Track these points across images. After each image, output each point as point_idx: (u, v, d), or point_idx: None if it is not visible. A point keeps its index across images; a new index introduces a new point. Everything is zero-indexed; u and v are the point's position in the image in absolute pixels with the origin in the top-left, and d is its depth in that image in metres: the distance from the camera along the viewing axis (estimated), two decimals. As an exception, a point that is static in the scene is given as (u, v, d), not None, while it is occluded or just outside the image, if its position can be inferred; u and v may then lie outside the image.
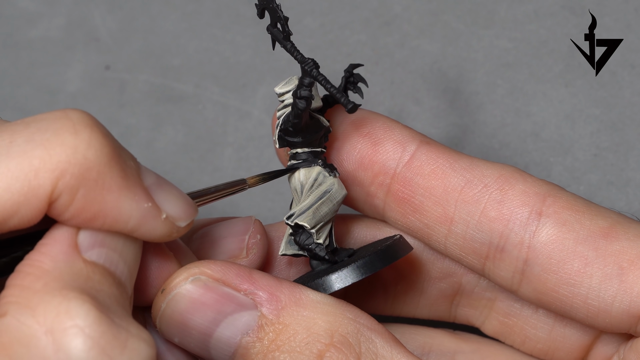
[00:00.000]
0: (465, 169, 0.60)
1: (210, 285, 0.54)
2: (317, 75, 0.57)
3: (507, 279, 0.60)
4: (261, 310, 0.53)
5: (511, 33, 0.85)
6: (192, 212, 0.53)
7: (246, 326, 0.53)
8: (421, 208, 0.60)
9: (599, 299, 0.58)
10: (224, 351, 0.53)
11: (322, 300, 0.55)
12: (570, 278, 0.58)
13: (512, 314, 0.64)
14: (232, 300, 0.53)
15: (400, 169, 0.60)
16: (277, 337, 0.53)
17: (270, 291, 0.54)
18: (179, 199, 0.52)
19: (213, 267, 0.54)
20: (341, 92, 0.56)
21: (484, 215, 0.59)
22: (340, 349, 0.53)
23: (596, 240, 0.58)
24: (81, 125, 0.49)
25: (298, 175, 0.59)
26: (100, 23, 0.89)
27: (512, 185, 0.60)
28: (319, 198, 0.58)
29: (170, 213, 0.51)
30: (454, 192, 0.60)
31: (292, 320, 0.53)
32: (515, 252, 0.59)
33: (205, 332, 0.53)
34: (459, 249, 0.60)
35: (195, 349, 0.54)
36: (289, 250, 0.59)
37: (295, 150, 0.59)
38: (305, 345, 0.53)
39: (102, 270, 0.49)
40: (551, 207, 0.59)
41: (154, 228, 0.51)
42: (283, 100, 0.58)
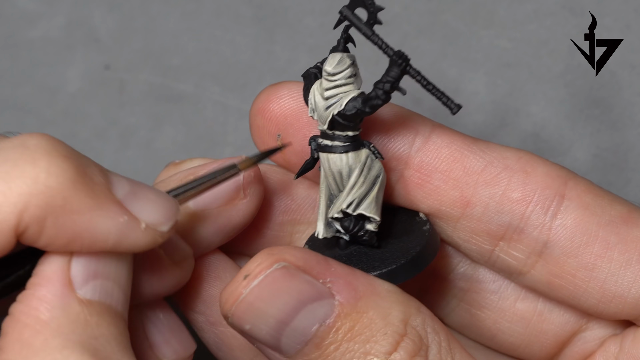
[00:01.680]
0: (484, 151, 0.60)
1: (293, 273, 0.53)
2: (415, 75, 0.55)
3: (520, 260, 0.59)
4: (338, 300, 0.52)
5: (511, 33, 0.85)
6: (173, 214, 0.52)
7: (324, 315, 0.52)
8: (436, 192, 0.60)
9: (617, 285, 0.58)
10: (297, 340, 0.52)
11: (394, 290, 0.54)
12: (590, 262, 0.58)
13: (486, 306, 0.64)
14: (313, 289, 0.52)
15: (416, 153, 0.60)
16: (354, 326, 0.52)
17: (347, 280, 0.53)
18: (157, 203, 0.51)
19: (295, 253, 0.53)
20: (443, 93, 0.55)
21: (506, 196, 0.59)
22: (414, 340, 0.52)
23: (618, 225, 0.58)
24: (39, 152, 0.48)
25: (346, 159, 0.57)
26: (100, 23, 0.89)
27: (534, 167, 0.59)
28: (372, 184, 0.57)
29: (150, 220, 0.50)
30: (473, 174, 0.59)
31: (369, 309, 0.53)
32: (535, 234, 0.59)
33: (284, 320, 0.52)
34: (470, 232, 0.60)
35: (266, 337, 0.53)
36: (328, 233, 0.58)
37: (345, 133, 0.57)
38: (383, 335, 0.52)
39: (98, 309, 0.49)
40: (573, 190, 0.59)
41: (135, 240, 0.50)
42: (334, 80, 0.56)
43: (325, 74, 0.56)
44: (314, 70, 0.58)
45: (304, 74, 0.58)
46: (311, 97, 0.57)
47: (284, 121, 0.60)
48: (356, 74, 0.57)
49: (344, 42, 0.58)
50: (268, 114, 0.60)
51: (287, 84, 0.60)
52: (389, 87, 0.55)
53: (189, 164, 0.62)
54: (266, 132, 0.60)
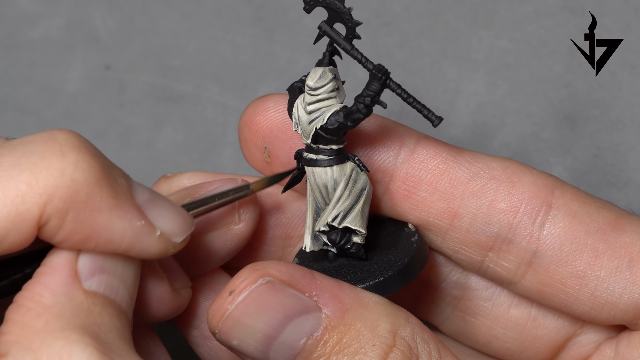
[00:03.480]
0: (470, 162, 0.60)
1: (279, 288, 0.53)
2: (396, 89, 0.55)
3: (510, 270, 0.59)
4: (325, 313, 0.53)
5: (511, 33, 0.85)
6: (188, 227, 0.52)
7: (311, 329, 0.52)
8: (423, 204, 0.60)
9: (608, 291, 0.58)
10: (286, 354, 0.53)
11: (381, 301, 0.54)
12: (580, 270, 0.58)
13: (480, 313, 0.64)
14: (299, 303, 0.53)
15: (401, 165, 0.60)
16: (342, 339, 0.52)
17: (333, 293, 0.53)
18: (174, 214, 0.52)
19: (280, 268, 0.53)
20: (423, 106, 0.55)
21: (493, 207, 0.59)
22: (403, 350, 0.53)
23: (605, 232, 0.58)
24: (68, 147, 0.48)
25: (331, 172, 0.57)
26: (101, 23, 0.90)
27: (520, 177, 0.59)
28: (358, 197, 0.57)
29: (165, 229, 0.51)
30: (460, 185, 0.59)
31: (357, 321, 0.53)
32: (524, 244, 0.59)
33: (271, 335, 0.52)
34: (459, 243, 0.60)
35: (254, 352, 0.53)
36: (315, 246, 0.58)
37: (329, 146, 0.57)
38: (372, 347, 0.52)
39: (102, 301, 0.49)
40: (560, 199, 0.59)
41: (148, 246, 0.50)
42: (316, 95, 0.56)
43: (308, 88, 0.56)
44: (298, 84, 0.58)
45: (289, 88, 0.58)
46: (295, 111, 0.57)
47: (270, 134, 0.60)
48: (339, 88, 0.57)
49: (329, 56, 0.59)
50: (255, 127, 0.60)
51: (273, 97, 0.60)
52: (370, 101, 0.55)
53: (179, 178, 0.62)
54: (253, 144, 0.60)
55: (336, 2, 0.57)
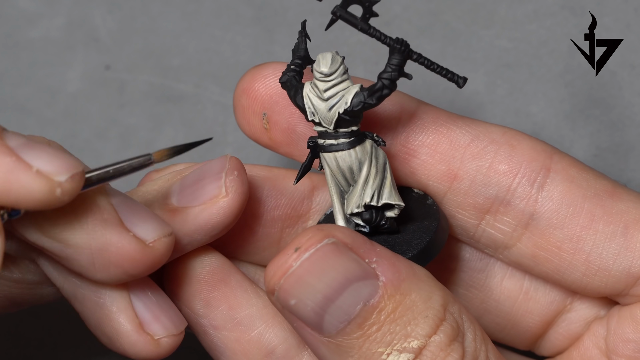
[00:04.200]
0: (469, 126, 0.60)
1: (343, 250, 0.53)
2: (418, 58, 0.55)
3: (506, 233, 0.60)
4: (383, 280, 0.52)
5: (511, 33, 0.85)
6: (72, 167, 0.49)
7: (368, 295, 0.52)
8: (423, 167, 0.60)
9: (602, 257, 0.58)
10: (341, 318, 0.52)
11: (431, 275, 0.54)
12: (575, 233, 0.58)
13: (473, 285, 0.64)
14: (359, 267, 0.52)
15: (402, 128, 0.60)
16: (397, 308, 0.52)
17: (391, 261, 0.53)
18: (54, 155, 0.49)
19: (344, 231, 0.53)
20: (447, 70, 0.55)
21: (493, 169, 0.59)
22: (452, 325, 0.53)
23: (602, 198, 0.59)
24: None
25: (355, 154, 0.57)
26: (100, 23, 0.90)
27: (519, 140, 0.60)
28: (384, 171, 0.57)
29: (43, 168, 0.48)
30: (460, 147, 0.59)
31: (412, 291, 0.53)
32: (522, 206, 0.59)
33: (331, 296, 0.52)
34: (456, 205, 0.60)
35: (310, 313, 0.53)
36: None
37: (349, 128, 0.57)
38: (424, 318, 0.52)
39: None
40: (559, 164, 0.60)
41: (28, 184, 0.48)
42: (331, 80, 0.56)
43: (321, 75, 0.56)
44: (290, 74, 0.58)
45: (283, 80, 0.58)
46: (307, 101, 0.57)
47: (270, 100, 0.60)
48: (347, 70, 0.57)
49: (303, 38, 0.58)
50: (253, 94, 0.60)
51: (271, 64, 0.60)
52: (396, 75, 0.55)
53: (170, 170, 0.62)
54: (251, 111, 0.60)
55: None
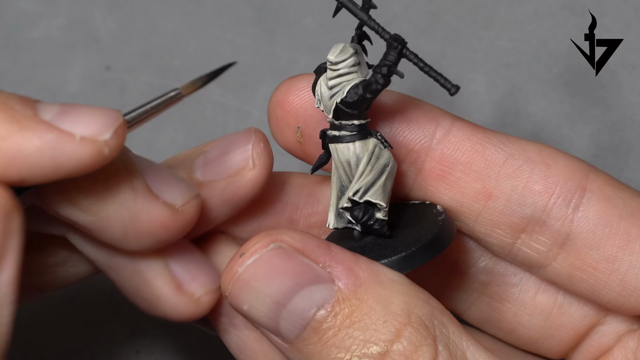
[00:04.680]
0: (505, 144, 0.59)
1: (291, 254, 0.52)
2: (413, 58, 0.55)
3: (541, 252, 0.59)
4: (338, 285, 0.52)
5: (511, 33, 0.86)
6: (112, 122, 0.50)
7: (322, 300, 0.52)
8: (458, 184, 0.60)
9: (638, 278, 0.58)
10: (295, 323, 0.52)
11: (399, 279, 0.54)
12: (612, 254, 0.58)
13: (507, 299, 0.64)
14: (311, 272, 0.52)
15: (437, 145, 0.60)
16: (353, 313, 0.52)
17: (348, 266, 0.53)
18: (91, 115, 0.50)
19: (294, 235, 0.53)
20: (440, 74, 0.54)
21: (528, 188, 0.59)
22: (418, 329, 0.52)
23: (639, 218, 0.58)
24: None
25: (353, 148, 0.57)
26: (101, 23, 0.90)
27: (555, 160, 0.59)
28: (381, 172, 0.57)
29: (85, 132, 0.49)
30: (495, 166, 0.59)
31: (370, 297, 0.52)
32: (557, 226, 0.59)
33: (280, 301, 0.52)
34: (492, 225, 0.60)
35: (264, 319, 0.53)
36: (339, 224, 0.58)
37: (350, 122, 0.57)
38: (383, 323, 0.51)
39: None
40: (594, 183, 0.59)
41: (74, 153, 0.49)
42: (336, 70, 0.56)
43: (329, 63, 0.56)
44: (324, 64, 0.58)
45: (315, 69, 0.58)
46: (318, 88, 0.57)
47: (304, 113, 0.60)
48: (360, 63, 0.57)
49: (357, 39, 0.58)
50: (287, 106, 0.60)
51: (306, 76, 0.60)
52: (387, 71, 0.55)
53: None
54: (285, 124, 0.60)
55: None
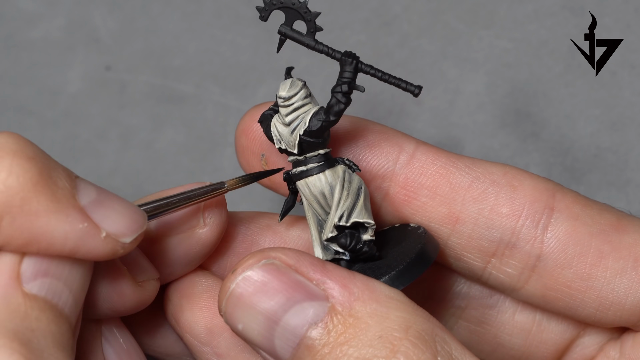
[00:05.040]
0: (469, 167, 0.59)
1: (283, 271, 0.52)
2: (369, 70, 0.55)
3: (513, 276, 0.59)
4: (332, 302, 0.52)
5: (511, 33, 0.86)
6: (137, 227, 0.51)
7: (315, 316, 0.51)
8: (424, 209, 0.59)
9: (614, 292, 0.58)
10: (289, 341, 0.52)
11: (396, 296, 0.53)
12: (585, 272, 0.58)
13: (485, 321, 0.63)
14: (303, 289, 0.52)
15: (401, 170, 0.60)
16: (347, 329, 0.51)
17: (342, 283, 0.52)
18: (122, 214, 0.51)
19: (288, 253, 0.53)
20: (400, 79, 0.54)
21: (495, 211, 0.59)
22: (416, 343, 0.51)
23: (609, 233, 0.58)
24: (4, 151, 0.48)
25: (325, 178, 0.57)
26: (101, 24, 0.90)
27: (521, 181, 0.59)
28: (357, 195, 0.57)
29: (111, 230, 0.50)
30: (460, 189, 0.59)
31: (365, 313, 0.52)
32: (528, 248, 0.58)
33: (273, 317, 0.52)
34: (462, 248, 0.60)
35: (259, 337, 0.52)
36: (327, 256, 0.58)
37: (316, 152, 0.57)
38: (378, 339, 0.51)
39: (42, 305, 0.49)
40: (562, 202, 0.59)
41: (95, 247, 0.50)
42: (291, 105, 0.57)
43: (281, 100, 0.56)
44: (269, 112, 0.58)
45: (260, 119, 0.58)
46: (273, 130, 0.57)
47: (268, 141, 0.60)
48: (311, 94, 0.57)
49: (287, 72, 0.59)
50: (252, 134, 0.60)
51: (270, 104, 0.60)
52: (347, 88, 0.55)
53: None
54: (250, 152, 0.60)
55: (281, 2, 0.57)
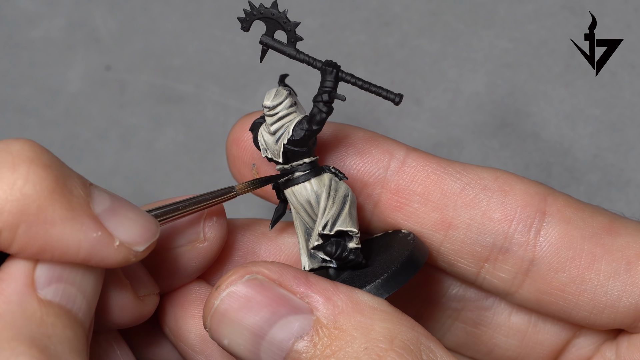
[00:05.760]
0: (460, 173, 0.59)
1: (267, 285, 0.52)
2: (350, 79, 0.55)
3: (506, 280, 0.59)
4: (316, 315, 0.52)
5: (511, 33, 0.86)
6: (150, 236, 0.51)
7: (300, 330, 0.52)
8: (416, 215, 0.59)
9: (607, 295, 0.58)
10: (276, 355, 0.52)
11: (380, 306, 0.53)
12: (578, 275, 0.58)
13: (481, 323, 0.63)
14: (288, 302, 0.52)
15: (392, 176, 0.60)
16: (332, 342, 0.51)
17: (326, 295, 0.52)
18: (135, 223, 0.51)
19: (270, 267, 0.53)
20: (381, 88, 0.54)
21: (487, 217, 0.59)
22: (402, 354, 0.51)
23: (601, 236, 0.58)
24: (20, 159, 0.48)
25: (310, 186, 0.57)
26: (101, 23, 0.90)
27: (512, 186, 0.59)
28: (343, 203, 0.57)
29: (124, 239, 0.50)
30: (452, 195, 0.59)
31: (349, 325, 0.52)
32: (520, 252, 0.58)
33: (258, 332, 0.52)
34: (455, 254, 0.60)
35: (245, 352, 0.52)
36: (313, 264, 0.58)
37: (301, 161, 0.57)
38: (364, 350, 0.51)
39: (57, 311, 0.49)
40: (553, 206, 0.59)
41: (108, 256, 0.50)
42: (275, 114, 0.57)
43: (266, 109, 0.56)
44: (259, 120, 0.58)
45: (251, 127, 0.58)
46: (260, 139, 0.57)
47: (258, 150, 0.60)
48: (296, 103, 0.57)
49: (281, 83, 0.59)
50: (243, 144, 0.60)
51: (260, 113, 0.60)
52: (328, 97, 0.55)
53: None
54: (241, 161, 0.60)
55: (270, 10, 0.57)
